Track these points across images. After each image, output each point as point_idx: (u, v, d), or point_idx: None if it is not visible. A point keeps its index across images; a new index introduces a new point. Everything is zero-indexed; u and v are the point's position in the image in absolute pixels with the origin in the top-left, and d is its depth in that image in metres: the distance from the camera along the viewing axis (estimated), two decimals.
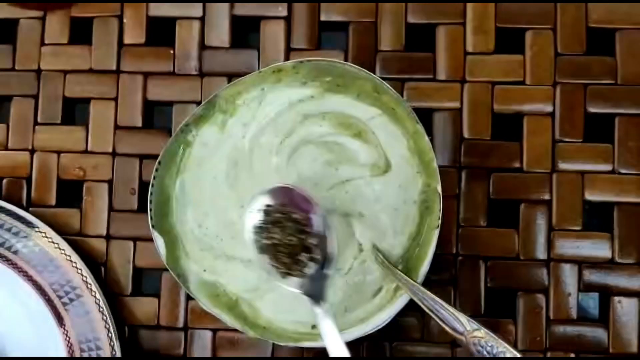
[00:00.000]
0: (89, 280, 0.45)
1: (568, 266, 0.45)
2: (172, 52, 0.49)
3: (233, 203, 0.44)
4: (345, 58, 0.47)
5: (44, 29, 0.49)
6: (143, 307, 0.47)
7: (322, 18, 0.48)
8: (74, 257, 0.46)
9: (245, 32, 0.49)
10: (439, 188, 0.41)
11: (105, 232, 0.48)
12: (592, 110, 0.46)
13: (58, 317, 0.46)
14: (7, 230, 0.46)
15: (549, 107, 0.46)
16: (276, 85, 0.44)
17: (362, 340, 0.46)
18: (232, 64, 0.48)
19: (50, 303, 0.46)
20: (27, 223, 0.46)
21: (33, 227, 0.46)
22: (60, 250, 0.46)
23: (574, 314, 0.45)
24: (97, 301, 0.45)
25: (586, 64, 0.46)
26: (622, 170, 0.46)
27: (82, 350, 0.45)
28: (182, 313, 0.47)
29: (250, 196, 0.42)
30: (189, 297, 0.46)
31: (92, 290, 0.45)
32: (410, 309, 0.41)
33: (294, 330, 0.43)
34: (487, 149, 0.46)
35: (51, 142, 0.49)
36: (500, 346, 0.35)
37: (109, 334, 0.45)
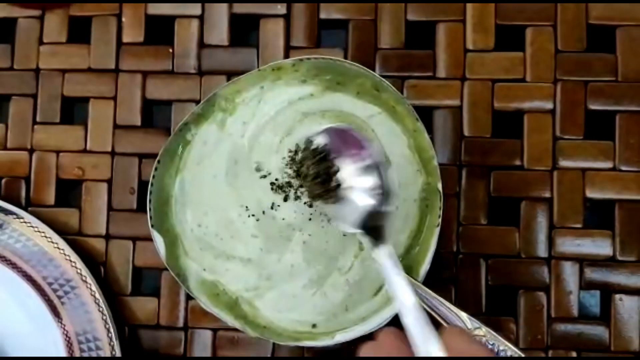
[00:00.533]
0: (88, 279, 0.45)
1: (569, 264, 0.45)
2: (171, 50, 0.48)
3: (233, 202, 0.43)
4: (345, 56, 0.47)
5: (43, 28, 0.49)
6: (143, 307, 0.47)
7: (322, 16, 0.48)
8: (73, 257, 0.46)
9: (245, 31, 0.49)
10: (439, 186, 0.41)
11: (104, 232, 0.48)
12: (592, 107, 0.46)
13: (56, 314, 0.45)
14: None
15: (550, 105, 0.46)
16: (276, 83, 0.43)
17: (362, 339, 0.45)
18: (231, 63, 0.48)
19: (49, 303, 0.46)
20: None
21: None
22: (60, 249, 0.46)
23: (575, 312, 0.45)
24: (96, 300, 0.45)
25: (587, 61, 0.46)
26: (623, 168, 0.46)
27: (81, 350, 0.45)
28: (182, 312, 0.47)
29: (250, 195, 0.42)
30: (189, 297, 0.46)
31: (91, 289, 0.45)
32: None
33: (294, 330, 0.42)
34: (488, 147, 0.46)
35: (50, 142, 0.49)
36: (501, 344, 0.35)
37: (109, 333, 0.45)
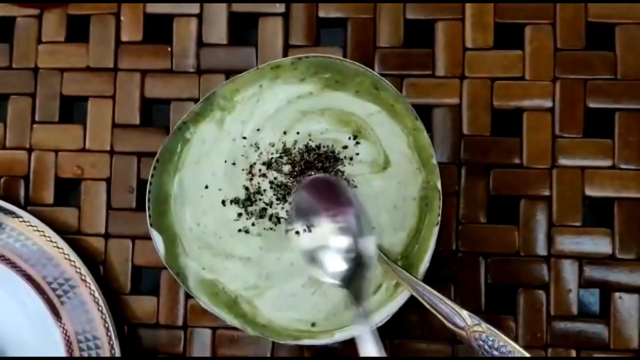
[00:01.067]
0: (87, 278, 0.45)
1: (568, 262, 0.45)
2: (169, 49, 0.48)
3: (231, 201, 0.43)
4: (344, 54, 0.47)
5: (41, 27, 0.49)
6: (142, 306, 0.47)
7: (321, 14, 0.48)
8: (73, 256, 0.45)
9: (243, 29, 0.49)
10: (438, 184, 0.41)
11: (103, 231, 0.48)
12: (592, 105, 0.46)
13: (55, 313, 0.45)
14: None
15: (549, 103, 0.46)
16: (274, 82, 0.43)
17: None
18: (230, 61, 0.48)
19: (48, 301, 0.46)
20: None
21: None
22: (59, 249, 0.46)
23: (575, 310, 0.45)
24: (96, 299, 0.45)
25: (586, 59, 0.46)
26: (623, 166, 0.45)
27: (81, 349, 0.45)
28: (181, 311, 0.47)
29: (249, 194, 0.42)
30: (188, 296, 0.46)
31: (90, 288, 0.45)
32: (411, 306, 0.41)
33: (294, 328, 0.42)
34: (487, 145, 0.46)
35: (49, 141, 0.49)
36: (501, 341, 0.35)
37: (108, 332, 0.45)
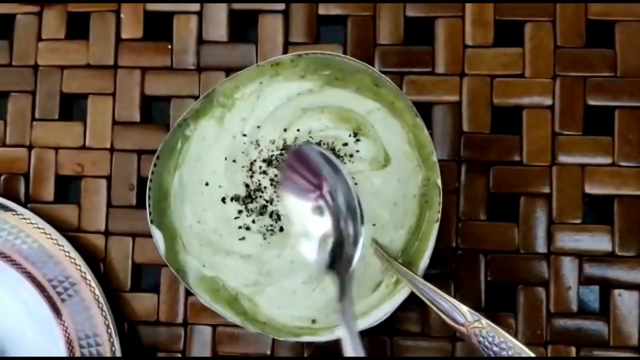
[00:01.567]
0: (88, 276, 0.45)
1: (568, 259, 0.45)
2: (169, 46, 0.48)
3: (232, 198, 0.43)
4: (344, 52, 0.47)
5: (41, 25, 0.49)
6: (142, 303, 0.47)
7: (321, 12, 0.48)
8: (73, 253, 0.45)
9: (243, 26, 0.49)
10: (438, 182, 0.41)
11: (103, 228, 0.48)
12: (591, 103, 0.46)
13: (56, 311, 0.45)
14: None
15: (549, 100, 0.46)
16: (274, 79, 0.43)
17: (362, 334, 0.45)
18: (230, 58, 0.48)
19: (49, 299, 0.46)
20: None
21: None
22: (59, 246, 0.46)
23: (575, 308, 0.45)
24: (96, 297, 0.45)
25: (586, 57, 0.46)
26: (622, 163, 0.45)
27: (81, 347, 0.45)
28: (181, 309, 0.47)
29: (249, 191, 0.42)
30: (189, 293, 0.46)
31: (91, 286, 0.45)
32: (411, 303, 0.41)
33: (294, 325, 0.42)
34: (487, 143, 0.46)
35: (49, 138, 0.49)
36: (501, 337, 0.35)
37: (109, 330, 0.45)
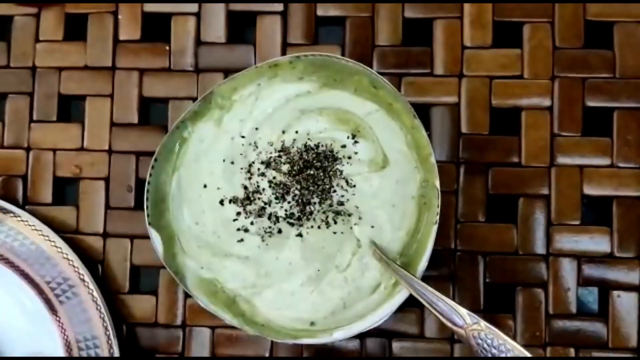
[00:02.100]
0: (86, 278, 0.45)
1: (567, 261, 0.45)
2: (167, 48, 0.48)
3: (230, 199, 0.43)
4: (342, 53, 0.47)
5: (39, 26, 0.49)
6: (141, 305, 0.47)
7: (319, 13, 0.48)
8: (71, 255, 0.45)
9: (241, 28, 0.49)
10: (437, 183, 0.41)
11: (102, 230, 0.48)
12: (590, 104, 0.46)
13: (54, 313, 0.45)
14: None
15: (547, 101, 0.46)
16: (273, 80, 0.43)
17: (360, 336, 0.46)
18: (228, 60, 0.48)
19: (46, 301, 0.46)
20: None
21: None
22: (57, 248, 0.46)
23: (573, 309, 0.45)
24: (95, 299, 0.45)
25: (584, 58, 0.46)
26: (621, 164, 0.45)
27: (79, 349, 0.45)
28: (180, 310, 0.47)
29: (247, 193, 0.42)
30: (187, 295, 0.46)
31: (89, 288, 0.45)
32: (409, 306, 0.41)
33: (293, 327, 0.42)
34: (486, 144, 0.46)
35: (47, 140, 0.48)
36: (500, 339, 0.34)
37: (107, 332, 0.45)
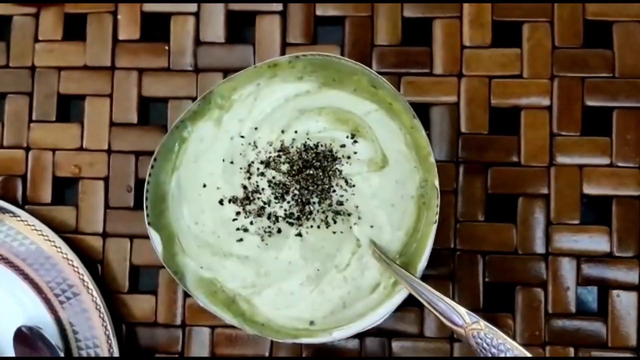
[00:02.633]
0: (86, 278, 0.45)
1: (566, 260, 0.45)
2: (167, 48, 0.48)
3: (229, 199, 0.43)
4: (342, 53, 0.47)
5: (38, 26, 0.49)
6: (140, 305, 0.47)
7: (318, 13, 0.48)
8: (71, 255, 0.45)
9: (241, 28, 0.49)
10: (436, 183, 0.41)
11: (101, 230, 0.48)
12: (589, 103, 0.46)
13: (54, 313, 0.45)
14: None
15: (547, 101, 0.46)
16: (272, 80, 0.43)
17: (360, 336, 0.46)
18: (228, 60, 0.48)
19: (47, 302, 0.46)
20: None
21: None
22: (57, 248, 0.46)
23: (573, 308, 0.45)
24: (94, 299, 0.45)
25: (583, 57, 0.46)
26: (620, 164, 0.46)
27: (79, 349, 0.45)
28: (179, 310, 0.47)
29: (247, 193, 0.42)
30: (187, 295, 0.46)
31: (89, 288, 0.45)
32: (409, 305, 0.41)
33: (292, 327, 0.42)
34: (485, 143, 0.46)
35: (46, 140, 0.48)
36: (499, 339, 0.35)
37: (107, 332, 0.45)
